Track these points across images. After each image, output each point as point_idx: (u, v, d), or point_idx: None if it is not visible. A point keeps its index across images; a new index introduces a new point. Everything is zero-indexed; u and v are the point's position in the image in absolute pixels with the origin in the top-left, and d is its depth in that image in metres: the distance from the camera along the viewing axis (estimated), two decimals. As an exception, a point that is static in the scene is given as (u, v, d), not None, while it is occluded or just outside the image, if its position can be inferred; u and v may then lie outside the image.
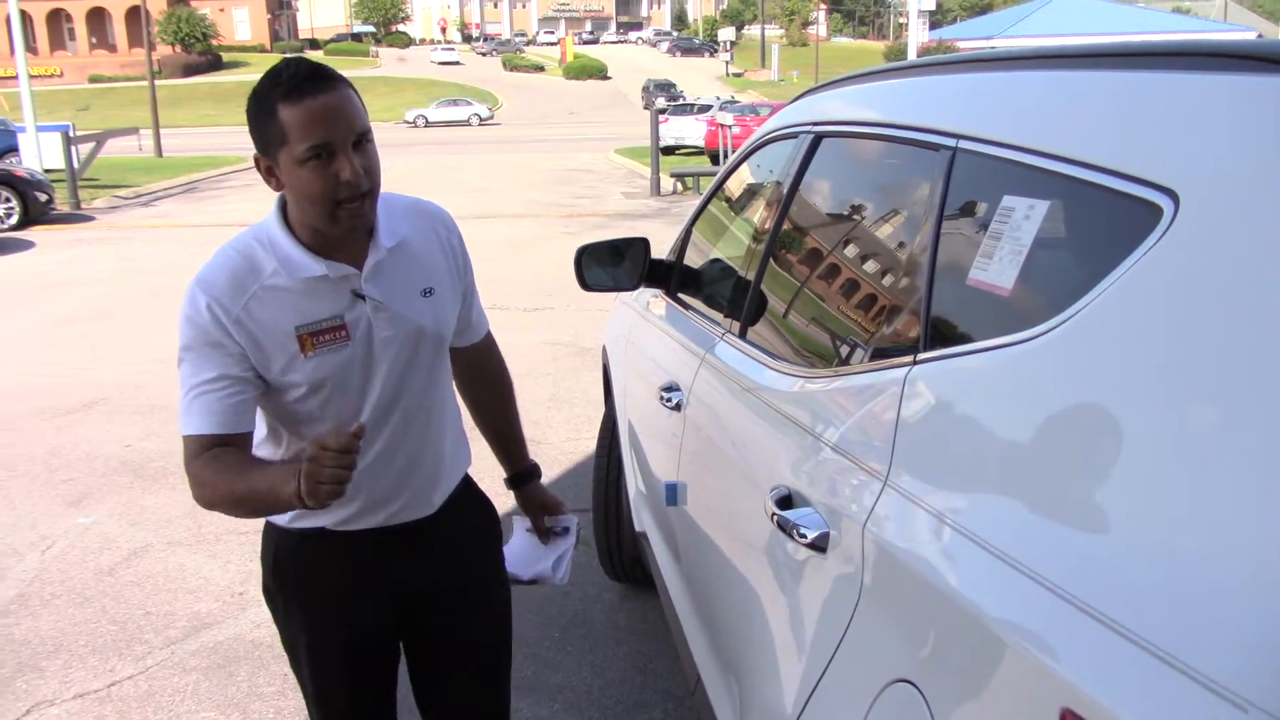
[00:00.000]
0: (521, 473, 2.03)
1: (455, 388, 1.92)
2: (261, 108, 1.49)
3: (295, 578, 1.76)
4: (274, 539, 1.77)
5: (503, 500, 2.11)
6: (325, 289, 1.57)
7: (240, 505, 1.57)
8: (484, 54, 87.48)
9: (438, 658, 1.89)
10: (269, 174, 1.54)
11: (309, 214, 1.53)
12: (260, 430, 1.70)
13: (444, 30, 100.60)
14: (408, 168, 21.64)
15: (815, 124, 2.09)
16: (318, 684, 1.81)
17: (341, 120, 1.47)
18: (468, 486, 1.89)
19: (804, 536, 1.48)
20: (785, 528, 1.53)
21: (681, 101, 33.03)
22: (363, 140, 1.50)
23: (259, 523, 1.82)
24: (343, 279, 1.58)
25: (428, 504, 1.76)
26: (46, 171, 15.92)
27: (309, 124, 1.45)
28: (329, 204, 1.49)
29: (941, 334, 1.37)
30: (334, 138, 1.46)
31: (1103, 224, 1.15)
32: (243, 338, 1.54)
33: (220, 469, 1.53)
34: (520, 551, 2.04)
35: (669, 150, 23.86)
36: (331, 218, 1.50)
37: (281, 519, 1.72)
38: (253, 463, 1.57)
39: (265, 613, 3.42)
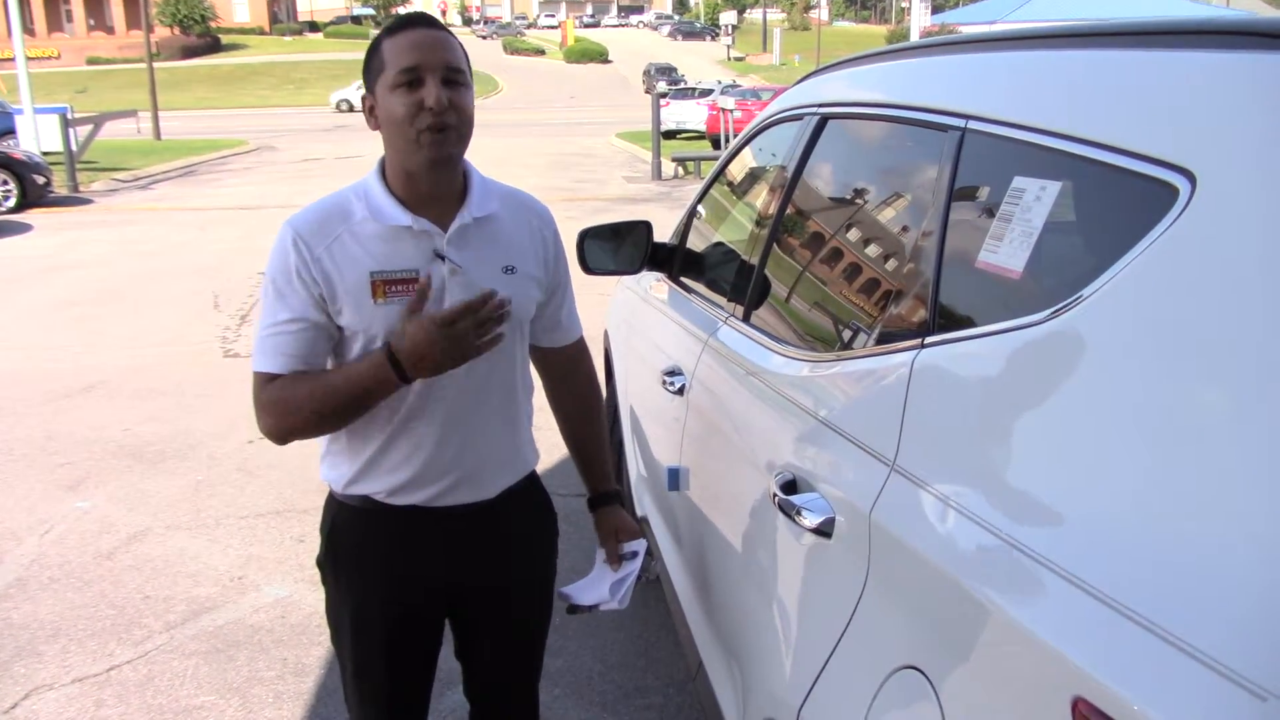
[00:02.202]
0: (602, 494, 1.99)
1: (548, 398, 1.96)
2: (371, 48, 1.61)
3: (348, 550, 1.77)
4: (332, 510, 1.79)
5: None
6: (407, 241, 1.61)
7: (321, 412, 1.61)
8: (484, 37, 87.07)
9: (475, 643, 1.90)
10: (370, 112, 1.62)
11: (395, 143, 1.58)
12: None
13: (444, 13, 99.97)
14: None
15: (820, 105, 2.06)
16: (357, 658, 1.82)
17: (434, 50, 1.55)
18: (531, 485, 1.87)
19: (809, 521, 1.46)
20: (790, 512, 1.52)
21: (683, 85, 32.90)
22: (455, 80, 1.56)
23: (258, 507, 1.82)
24: (425, 234, 1.62)
25: (481, 488, 1.75)
26: (44, 154, 15.86)
27: (403, 50, 1.55)
28: (411, 130, 1.54)
29: (950, 317, 1.35)
30: (424, 63, 1.54)
31: (1116, 205, 1.13)
32: (320, 276, 1.59)
33: (295, 386, 1.60)
34: (588, 579, 1.99)
35: (670, 134, 23.80)
36: (414, 144, 1.55)
37: (338, 484, 1.74)
38: (327, 370, 1.64)
39: (264, 597, 3.45)
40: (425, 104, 1.52)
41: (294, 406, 1.61)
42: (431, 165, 1.57)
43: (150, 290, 8.74)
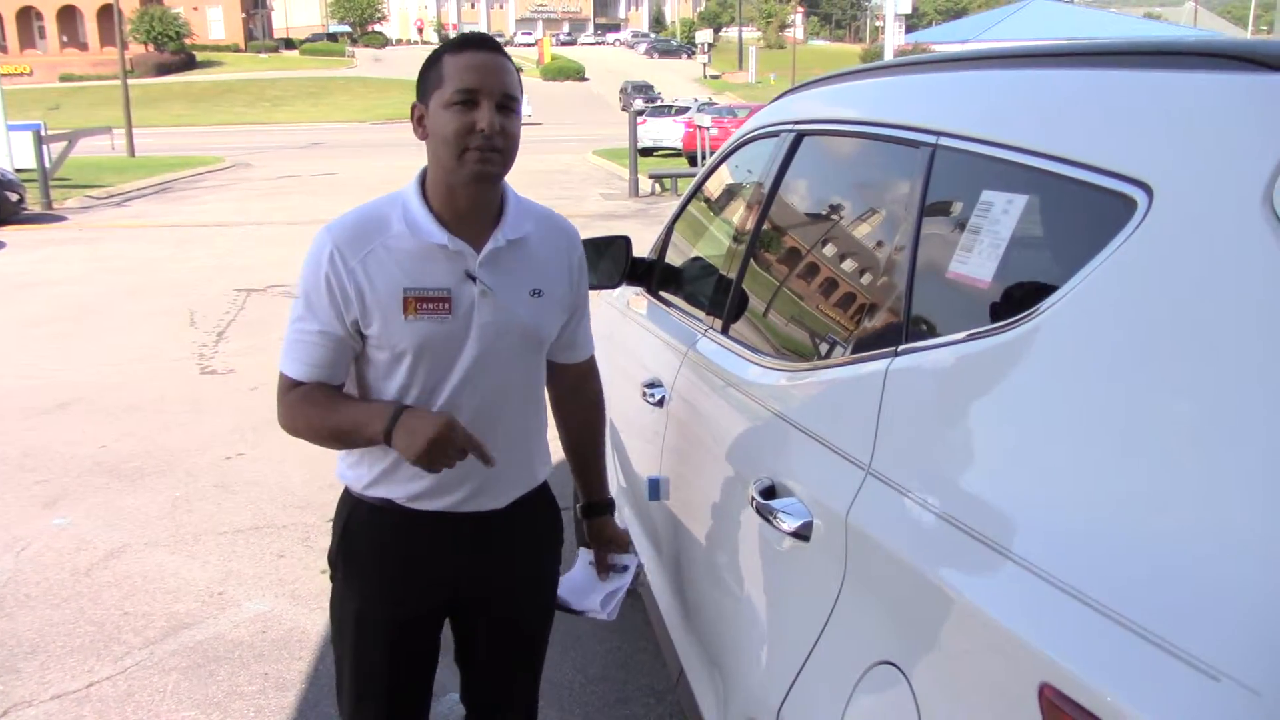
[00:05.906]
0: (596, 504, 2.05)
1: (550, 407, 1.97)
2: (430, 59, 1.65)
3: (360, 548, 1.80)
4: (347, 507, 1.82)
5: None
6: (441, 260, 1.65)
7: (326, 438, 1.70)
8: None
9: (476, 647, 1.92)
10: (419, 122, 1.66)
11: (440, 157, 1.62)
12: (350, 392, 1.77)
13: (420, 30, 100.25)
14: (386, 169, 21.56)
15: (796, 122, 2.11)
16: (358, 657, 1.84)
17: (493, 76, 1.60)
18: (541, 491, 1.90)
19: (787, 525, 1.50)
20: (768, 517, 1.56)
21: (659, 103, 33.08)
22: (508, 106, 1.61)
23: (237, 523, 1.84)
24: (459, 254, 1.65)
25: (496, 498, 1.78)
26: (17, 171, 15.76)
27: (464, 71, 1.59)
28: (459, 146, 1.59)
29: (923, 326, 1.40)
30: (482, 87, 1.58)
31: (1079, 217, 1.18)
32: (353, 288, 1.63)
33: (310, 404, 1.68)
34: (576, 581, 2.03)
35: (647, 152, 23.90)
36: (459, 159, 1.60)
37: (356, 484, 1.78)
38: (341, 399, 1.70)
39: (244, 613, 3.45)
40: (478, 126, 1.57)
41: (303, 419, 1.69)
42: (474, 180, 1.61)
43: (126, 307, 8.69)
